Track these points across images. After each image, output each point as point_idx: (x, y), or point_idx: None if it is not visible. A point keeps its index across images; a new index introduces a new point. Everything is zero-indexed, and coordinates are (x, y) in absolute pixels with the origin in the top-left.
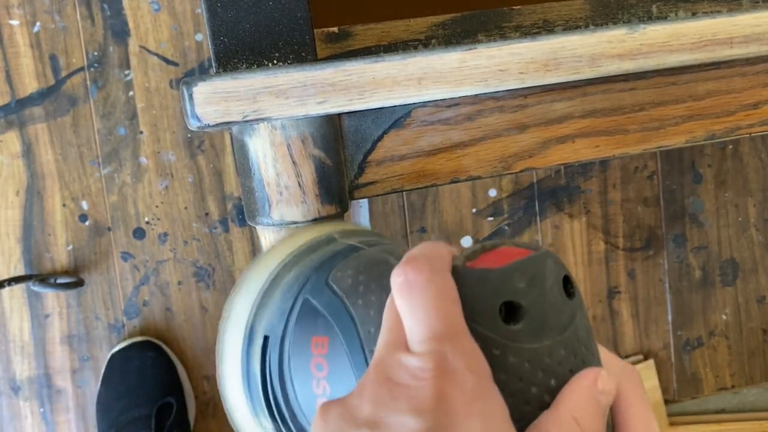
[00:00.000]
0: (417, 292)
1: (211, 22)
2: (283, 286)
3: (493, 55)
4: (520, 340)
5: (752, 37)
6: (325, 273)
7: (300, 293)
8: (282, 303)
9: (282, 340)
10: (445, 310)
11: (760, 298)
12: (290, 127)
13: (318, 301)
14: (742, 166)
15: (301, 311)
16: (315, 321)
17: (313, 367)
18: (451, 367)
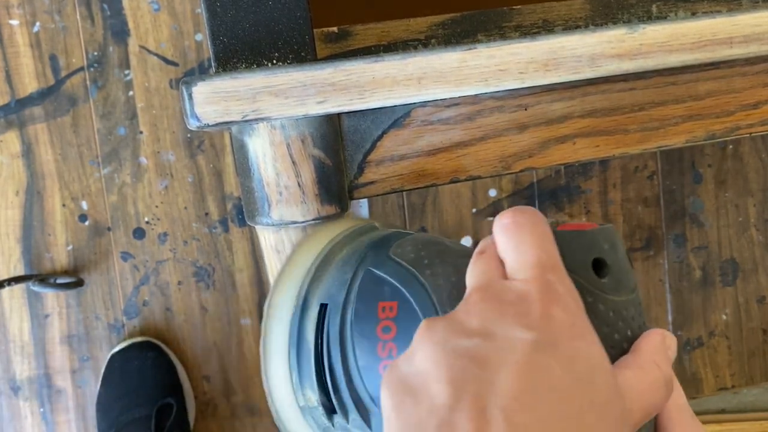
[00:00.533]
0: (524, 229)
1: (211, 21)
2: (337, 262)
3: (492, 54)
4: (606, 292)
5: (752, 37)
6: (384, 249)
7: (359, 266)
8: (341, 275)
9: (344, 307)
10: (548, 247)
11: (760, 298)
12: (290, 126)
13: (383, 271)
14: (742, 166)
15: (364, 281)
16: (381, 288)
17: (379, 331)
18: (556, 291)
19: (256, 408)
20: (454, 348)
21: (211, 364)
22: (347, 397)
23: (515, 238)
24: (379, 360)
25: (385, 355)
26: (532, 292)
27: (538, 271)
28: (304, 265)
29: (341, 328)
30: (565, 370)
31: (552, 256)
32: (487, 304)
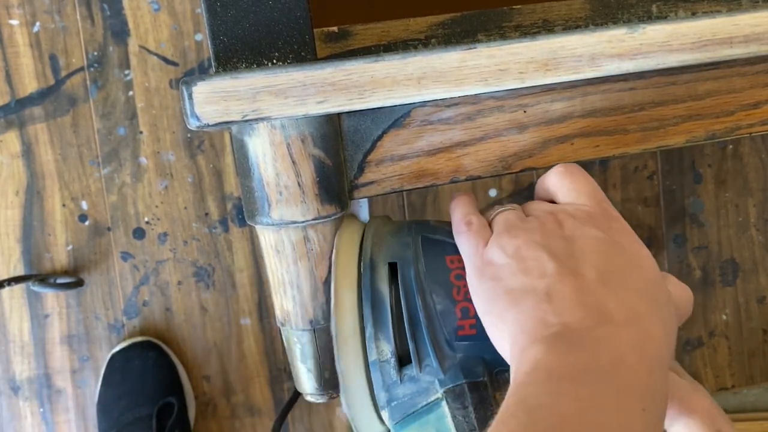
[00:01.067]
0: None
1: (211, 21)
2: (390, 232)
3: (492, 54)
4: None
5: (752, 37)
6: (425, 224)
7: (414, 233)
8: (400, 239)
9: (416, 262)
10: (597, 186)
11: (760, 298)
12: (290, 126)
13: (438, 235)
14: (742, 166)
15: (424, 242)
16: (442, 247)
17: (453, 278)
18: (612, 213)
19: (256, 408)
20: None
21: (211, 364)
22: (426, 341)
23: (574, 178)
24: (456, 302)
25: (461, 298)
26: (596, 211)
27: (596, 200)
28: (356, 235)
29: (417, 279)
30: (633, 262)
31: (601, 192)
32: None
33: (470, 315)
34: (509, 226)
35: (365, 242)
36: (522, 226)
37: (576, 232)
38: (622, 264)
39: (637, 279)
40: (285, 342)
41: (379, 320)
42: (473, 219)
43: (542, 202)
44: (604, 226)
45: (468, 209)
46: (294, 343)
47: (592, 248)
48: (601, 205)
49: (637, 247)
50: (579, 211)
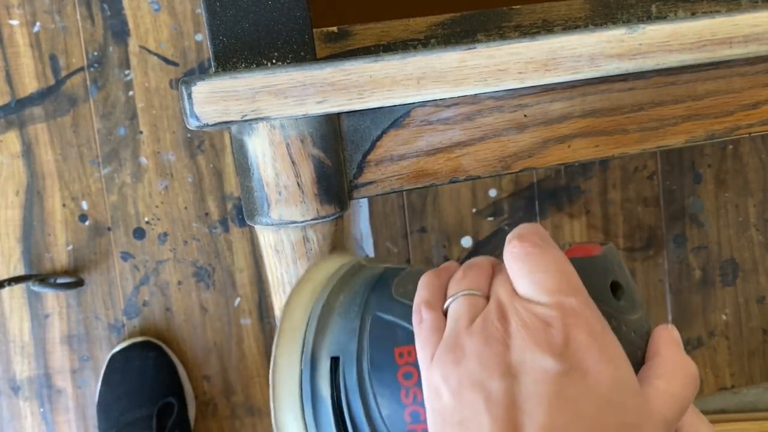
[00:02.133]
0: (535, 257)
1: (211, 21)
2: (339, 309)
3: (492, 54)
4: (626, 313)
5: (751, 37)
6: (386, 290)
7: (365, 312)
8: (347, 323)
9: (358, 357)
10: (565, 270)
11: (760, 298)
12: (289, 126)
13: (391, 315)
14: (742, 166)
15: (373, 327)
16: (393, 333)
17: (400, 377)
18: (580, 315)
19: (256, 408)
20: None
21: (211, 364)
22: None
23: (529, 266)
24: (404, 406)
25: (409, 401)
26: (553, 316)
27: (557, 296)
28: (303, 318)
29: (359, 379)
30: (595, 396)
31: (570, 278)
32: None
33: (422, 419)
34: (455, 342)
35: (308, 329)
36: (467, 344)
37: (524, 359)
38: (573, 413)
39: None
40: None
41: (322, 425)
42: (425, 314)
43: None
44: (561, 344)
45: (426, 295)
46: None
47: (539, 393)
48: (564, 304)
49: (614, 370)
50: (534, 320)
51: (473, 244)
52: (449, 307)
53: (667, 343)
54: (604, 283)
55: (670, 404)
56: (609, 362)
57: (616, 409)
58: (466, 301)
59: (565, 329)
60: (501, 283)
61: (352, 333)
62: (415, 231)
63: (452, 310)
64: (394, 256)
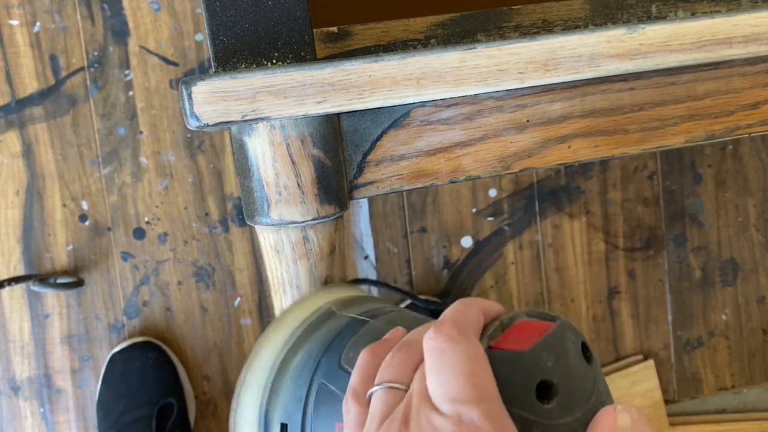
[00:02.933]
0: (446, 355)
1: (211, 21)
2: (292, 372)
3: (492, 54)
4: (555, 417)
5: (751, 37)
6: (336, 355)
7: (313, 378)
8: (296, 389)
9: (303, 428)
10: (474, 375)
11: (760, 298)
12: (289, 126)
13: (335, 386)
14: (742, 166)
15: (318, 397)
16: (335, 407)
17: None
18: (479, 429)
19: None
20: None
21: (211, 364)
22: None
23: (437, 365)
24: None
25: None
26: (448, 430)
27: (458, 406)
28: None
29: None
30: None
31: (478, 385)
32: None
33: None
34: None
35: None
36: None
37: None
38: None
39: None
40: None
41: None
42: (351, 407)
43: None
44: None
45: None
46: None
47: None
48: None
49: None
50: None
51: (473, 244)
52: (370, 400)
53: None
54: (528, 384)
55: None
56: None
57: None
58: (384, 396)
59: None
60: (419, 378)
61: (299, 402)
62: (415, 231)
63: (372, 405)
64: (394, 256)
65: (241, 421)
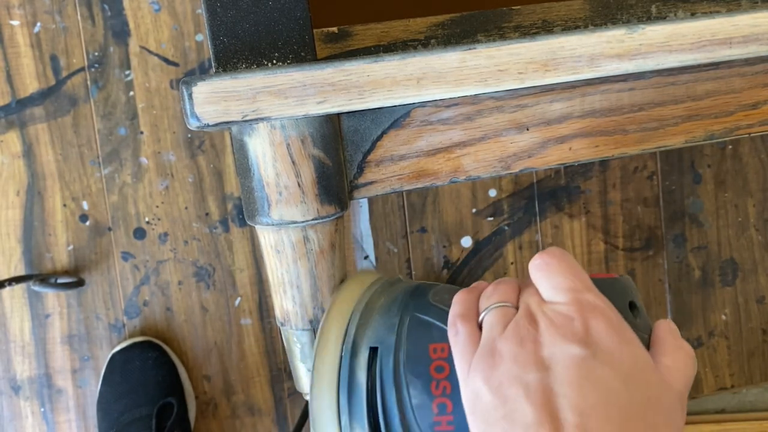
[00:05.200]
0: (555, 264)
1: (211, 22)
2: (380, 309)
3: (492, 55)
4: (640, 330)
5: (751, 38)
6: (424, 296)
7: (404, 311)
8: (387, 319)
9: (396, 349)
10: (579, 274)
11: (759, 298)
12: (290, 126)
13: (428, 316)
14: (741, 166)
15: (411, 324)
16: (429, 331)
17: (432, 370)
18: (596, 306)
19: (256, 408)
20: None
21: (212, 364)
22: None
23: (548, 271)
24: (433, 397)
25: (438, 393)
26: (573, 310)
27: (574, 293)
28: (346, 312)
29: (395, 369)
30: (619, 374)
31: (584, 280)
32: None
33: (447, 411)
34: (491, 348)
35: (351, 321)
36: (503, 347)
37: (554, 351)
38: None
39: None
40: (285, 342)
41: (355, 410)
42: (460, 327)
43: (532, 293)
44: (583, 332)
45: (460, 309)
46: (294, 343)
47: (570, 378)
48: (580, 299)
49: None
50: (558, 317)
51: (473, 244)
52: (483, 319)
53: (666, 331)
54: (624, 301)
55: (678, 378)
56: (627, 344)
57: (638, 384)
58: (498, 312)
59: (585, 320)
60: (528, 294)
61: (391, 328)
62: (415, 231)
63: (486, 320)
64: (394, 256)
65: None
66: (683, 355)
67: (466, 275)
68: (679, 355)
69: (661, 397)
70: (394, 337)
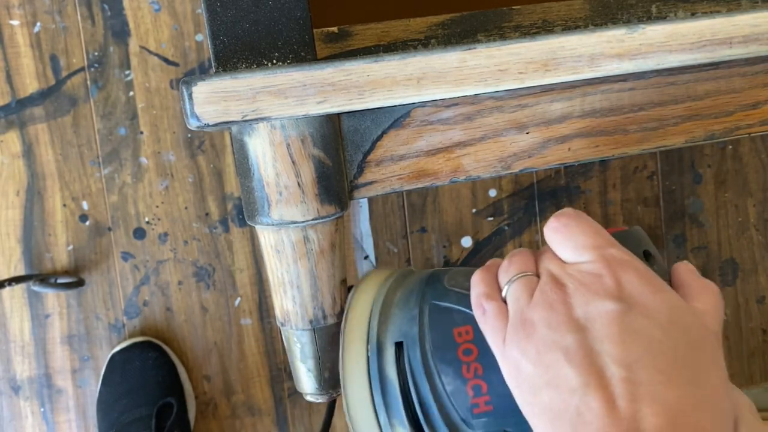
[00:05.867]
0: (573, 224)
1: (211, 21)
2: (397, 303)
3: (492, 54)
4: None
5: (751, 38)
6: (439, 283)
7: (423, 302)
8: (406, 312)
9: (421, 340)
10: (597, 231)
11: (760, 298)
12: (290, 126)
13: (447, 301)
14: (741, 166)
15: (432, 313)
16: (450, 316)
17: (461, 354)
18: (622, 259)
19: (256, 408)
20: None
21: (212, 364)
22: (440, 424)
23: (568, 232)
24: (467, 381)
25: (471, 376)
26: (600, 267)
27: (598, 250)
28: (365, 313)
29: (423, 360)
30: (658, 323)
31: (605, 236)
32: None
33: (483, 392)
34: (522, 318)
35: (372, 320)
36: (534, 316)
37: (588, 310)
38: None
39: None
40: (285, 342)
41: (391, 406)
42: (486, 305)
43: (551, 258)
44: (615, 287)
45: (482, 288)
46: (294, 343)
47: (610, 333)
48: (606, 255)
49: (666, 296)
50: (585, 276)
51: (473, 244)
52: (507, 293)
53: (687, 273)
54: (638, 251)
55: (712, 318)
56: (660, 292)
57: (678, 330)
58: (521, 282)
59: (614, 275)
60: (547, 259)
61: (412, 320)
62: (415, 231)
63: (510, 294)
64: (394, 256)
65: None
66: (711, 294)
67: None
68: (708, 295)
69: (702, 340)
70: (417, 328)
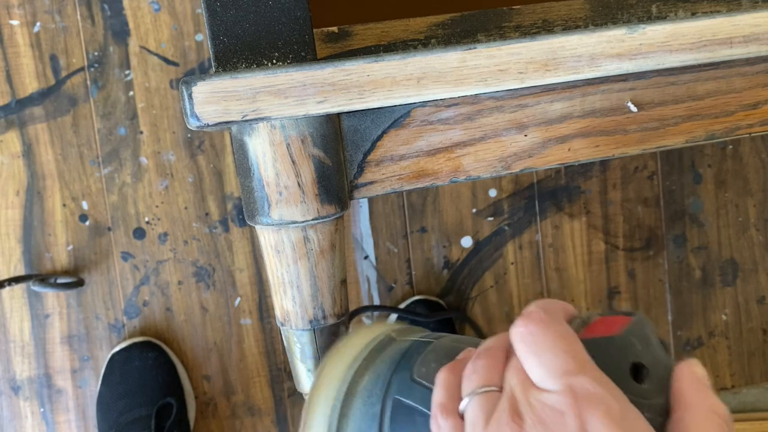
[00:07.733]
0: (540, 337)
1: (211, 21)
2: (362, 393)
3: (492, 54)
4: (648, 397)
5: (752, 37)
6: (406, 371)
7: (387, 395)
8: (368, 408)
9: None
10: (572, 350)
11: (760, 298)
12: (290, 126)
13: (411, 399)
14: (742, 166)
15: (395, 412)
16: (413, 419)
17: None
18: (592, 395)
19: (256, 408)
20: None
21: (211, 364)
22: None
23: (534, 348)
24: None
25: None
26: (565, 403)
27: (566, 378)
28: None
29: None
30: None
31: (577, 357)
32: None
33: None
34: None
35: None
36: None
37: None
38: None
39: None
40: (285, 342)
41: None
42: (441, 422)
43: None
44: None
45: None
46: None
47: None
48: (574, 386)
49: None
50: (546, 412)
51: (473, 244)
52: (466, 409)
53: (694, 387)
54: (623, 366)
55: None
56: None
57: None
58: (480, 400)
59: (579, 416)
60: (513, 372)
61: (373, 418)
62: (415, 231)
63: (467, 414)
64: (394, 256)
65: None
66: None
67: (466, 275)
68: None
69: None
70: (377, 430)
